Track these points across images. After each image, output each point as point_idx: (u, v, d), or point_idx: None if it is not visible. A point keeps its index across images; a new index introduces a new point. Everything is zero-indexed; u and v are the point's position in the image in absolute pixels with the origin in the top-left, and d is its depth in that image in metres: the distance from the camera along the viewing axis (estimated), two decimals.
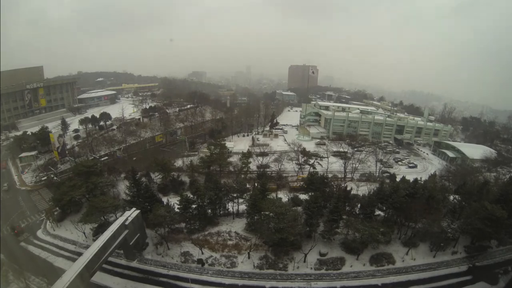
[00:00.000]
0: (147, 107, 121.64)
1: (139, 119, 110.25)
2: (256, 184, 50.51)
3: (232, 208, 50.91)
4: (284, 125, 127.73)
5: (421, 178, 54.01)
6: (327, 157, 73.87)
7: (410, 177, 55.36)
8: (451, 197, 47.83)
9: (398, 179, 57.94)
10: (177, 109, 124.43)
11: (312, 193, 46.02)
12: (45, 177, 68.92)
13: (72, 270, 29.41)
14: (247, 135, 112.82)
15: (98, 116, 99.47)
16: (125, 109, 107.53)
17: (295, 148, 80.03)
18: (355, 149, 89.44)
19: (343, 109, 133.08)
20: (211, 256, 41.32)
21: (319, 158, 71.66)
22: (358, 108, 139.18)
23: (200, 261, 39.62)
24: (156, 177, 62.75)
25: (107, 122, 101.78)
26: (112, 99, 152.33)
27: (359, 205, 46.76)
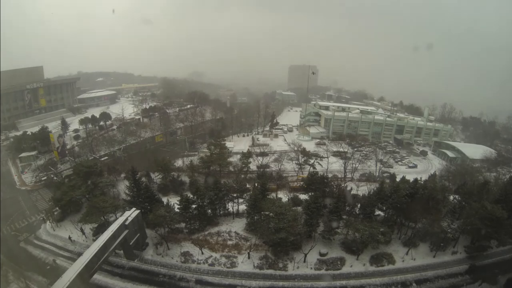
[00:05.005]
0: (147, 107, 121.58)
1: (139, 119, 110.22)
2: (256, 184, 50.50)
3: (232, 208, 50.90)
4: (284, 125, 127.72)
5: (421, 178, 54.02)
6: (327, 157, 73.86)
7: (410, 177, 55.34)
8: (451, 197, 47.79)
9: (398, 179, 57.95)
10: (177, 109, 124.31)
11: (312, 193, 46.04)
12: (45, 177, 68.92)
13: (72, 270, 29.41)
14: (247, 135, 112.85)
15: (98, 116, 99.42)
16: (125, 109, 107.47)
17: (295, 148, 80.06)
18: (355, 149, 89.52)
19: (343, 109, 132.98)
20: (211, 256, 41.34)
21: (319, 158, 71.65)
22: (358, 108, 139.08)
23: None
24: (156, 177, 62.75)
25: (107, 122, 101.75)
26: (112, 99, 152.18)
27: (359, 205, 46.77)
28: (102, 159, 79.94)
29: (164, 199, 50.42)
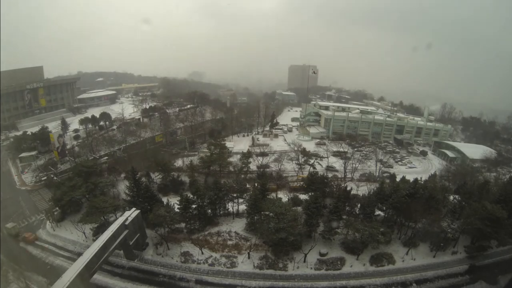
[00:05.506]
0: (147, 107, 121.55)
1: (139, 119, 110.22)
2: (256, 184, 50.50)
3: (232, 208, 50.90)
4: (284, 125, 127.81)
5: (421, 178, 54.05)
6: (327, 157, 73.88)
7: (410, 177, 55.39)
8: (451, 197, 47.86)
9: (398, 179, 57.96)
10: (177, 109, 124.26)
11: (312, 193, 46.03)
12: (45, 177, 68.91)
13: (72, 270, 29.40)
14: (247, 135, 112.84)
15: (98, 116, 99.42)
16: (125, 109, 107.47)
17: (295, 148, 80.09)
18: (355, 149, 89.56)
19: (343, 109, 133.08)
20: (211, 256, 41.34)
21: (319, 158, 71.68)
22: (358, 108, 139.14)
23: None
24: (156, 177, 62.75)
25: (107, 122, 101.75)
26: (112, 99, 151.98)
27: (359, 205, 46.77)
28: (102, 159, 79.88)
29: (164, 199, 50.42)
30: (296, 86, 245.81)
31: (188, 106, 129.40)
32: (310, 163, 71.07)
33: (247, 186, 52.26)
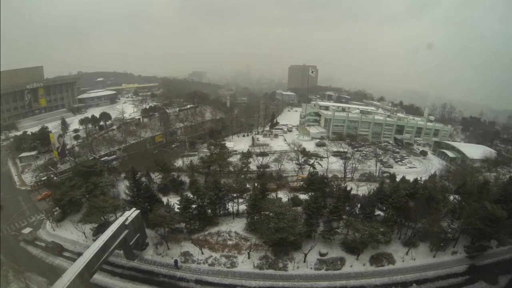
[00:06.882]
0: (147, 107, 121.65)
1: (139, 119, 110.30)
2: (256, 184, 50.49)
3: (232, 208, 50.88)
4: (284, 125, 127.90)
5: (421, 178, 54.02)
6: (327, 157, 73.89)
7: (410, 177, 55.37)
8: (451, 197, 47.79)
9: (398, 179, 57.94)
10: (177, 109, 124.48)
11: (312, 193, 46.03)
12: (45, 177, 68.93)
13: (72, 270, 29.38)
14: (247, 135, 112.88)
15: (98, 116, 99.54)
16: (125, 109, 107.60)
17: (295, 148, 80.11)
18: (355, 149, 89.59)
19: (343, 109, 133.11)
20: (211, 256, 41.34)
21: (319, 158, 71.68)
22: (358, 108, 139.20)
23: None
24: (156, 177, 62.76)
25: (107, 122, 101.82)
26: (112, 99, 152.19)
27: (359, 205, 46.77)
28: (102, 159, 79.93)
29: (164, 199, 50.42)
30: (296, 86, 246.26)
31: (188, 106, 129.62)
32: (310, 163, 71.09)
33: (247, 186, 52.24)
